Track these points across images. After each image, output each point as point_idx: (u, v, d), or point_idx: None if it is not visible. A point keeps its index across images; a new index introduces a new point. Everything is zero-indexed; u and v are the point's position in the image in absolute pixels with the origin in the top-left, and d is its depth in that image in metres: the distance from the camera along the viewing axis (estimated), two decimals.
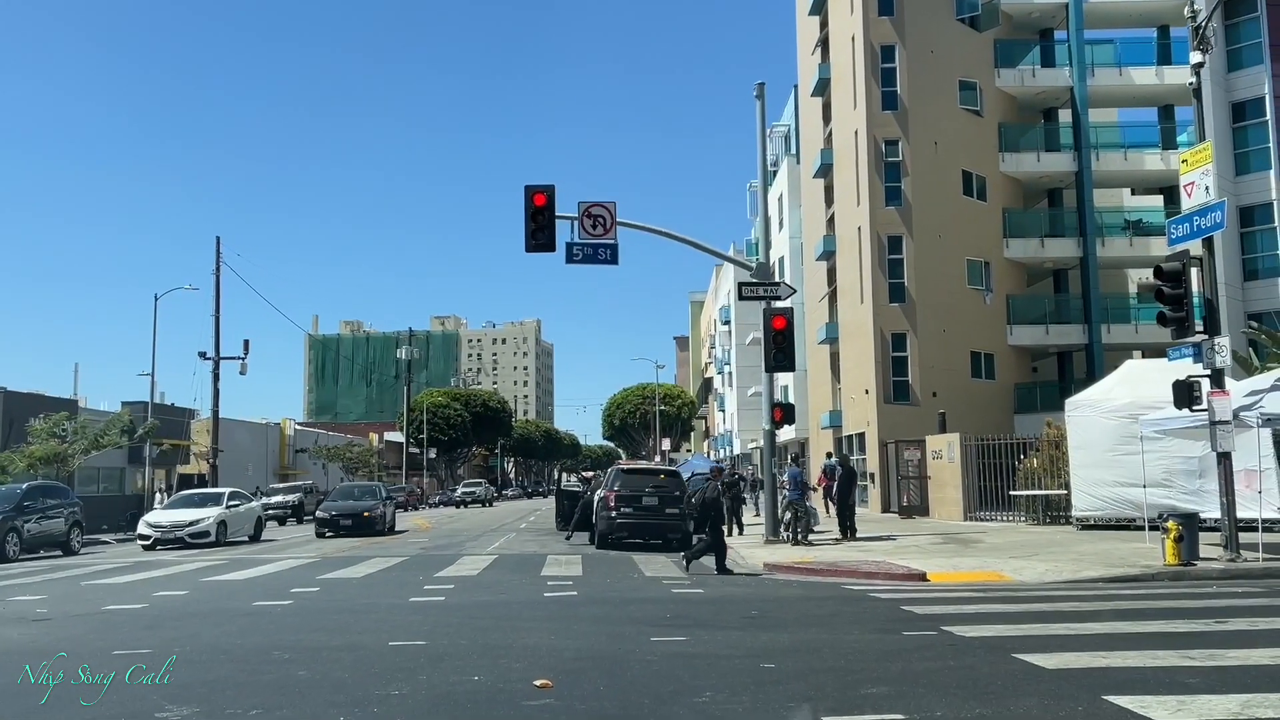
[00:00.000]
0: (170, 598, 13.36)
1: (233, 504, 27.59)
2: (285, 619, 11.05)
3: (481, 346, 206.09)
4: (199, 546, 24.73)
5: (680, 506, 21.65)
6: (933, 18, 38.39)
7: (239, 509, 27.79)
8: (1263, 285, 32.70)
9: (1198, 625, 9.40)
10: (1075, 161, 39.55)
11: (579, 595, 12.86)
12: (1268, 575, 14.01)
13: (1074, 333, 39.01)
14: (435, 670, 7.64)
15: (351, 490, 32.80)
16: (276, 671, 7.71)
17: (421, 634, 9.42)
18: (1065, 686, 6.79)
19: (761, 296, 21.07)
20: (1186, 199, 15.69)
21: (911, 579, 14.40)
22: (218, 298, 42.67)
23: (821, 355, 44.51)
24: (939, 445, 28.85)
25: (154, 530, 25.48)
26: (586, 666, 7.76)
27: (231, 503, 27.61)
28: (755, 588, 13.93)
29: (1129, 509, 20.28)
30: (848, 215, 39.69)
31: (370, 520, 28.44)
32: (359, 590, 14.04)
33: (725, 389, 78.25)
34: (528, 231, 19.54)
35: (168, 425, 49.04)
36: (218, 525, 25.87)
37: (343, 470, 67.77)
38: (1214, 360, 15.11)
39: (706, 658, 8.11)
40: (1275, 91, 32.42)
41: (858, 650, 8.36)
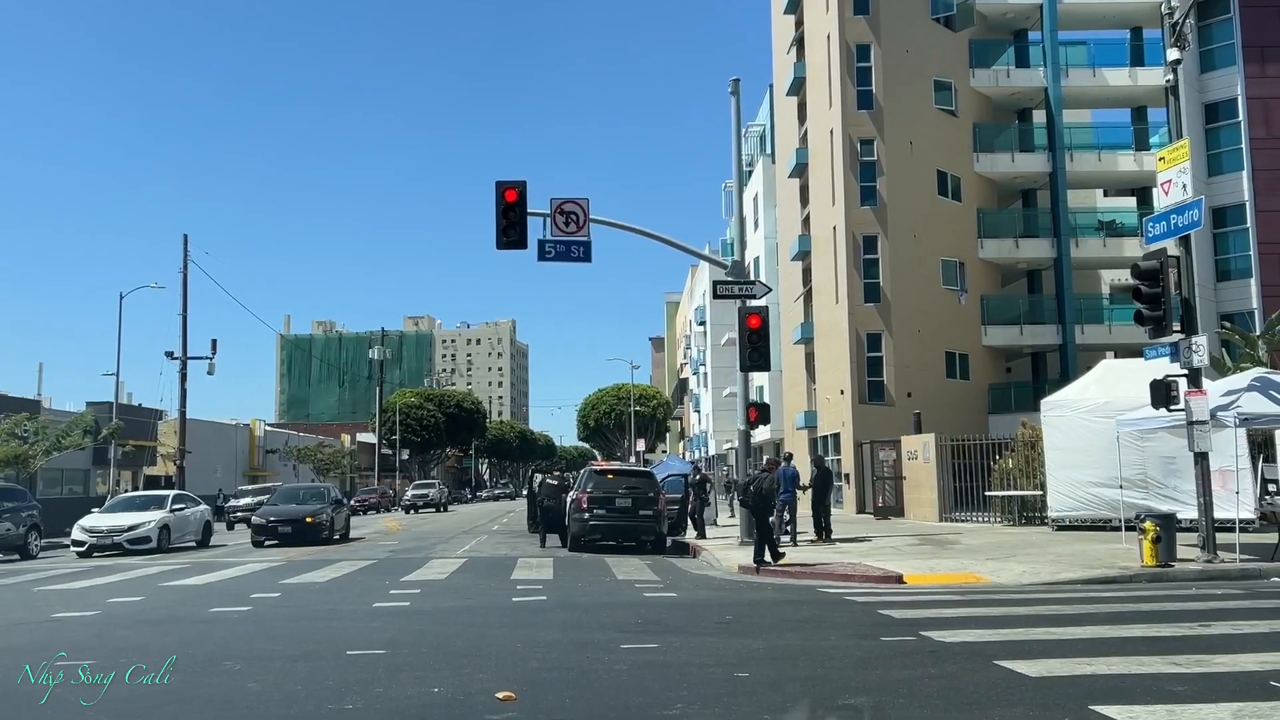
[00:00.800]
0: (124, 604, 12.88)
1: (177, 507, 25.76)
2: (241, 626, 10.63)
3: (456, 347, 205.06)
4: (139, 553, 22.98)
5: (654, 508, 21.35)
6: (908, 17, 38.36)
7: (184, 512, 26.02)
8: (1235, 286, 32.87)
9: (1181, 629, 9.19)
10: (1049, 162, 39.65)
11: (548, 600, 12.51)
12: (1245, 576, 13.90)
13: (1048, 333, 39.11)
14: (393, 681, 7.27)
15: (295, 492, 28.80)
16: (224, 684, 7.31)
17: (382, 642, 9.04)
18: (1050, 696, 6.53)
19: (737, 295, 20.81)
20: (1163, 197, 15.54)
21: (888, 581, 14.16)
22: (185, 297, 42.00)
23: (797, 356, 44.37)
24: (914, 446, 28.72)
25: (89, 535, 23.50)
26: (553, 677, 7.43)
27: (176, 506, 25.76)
28: (729, 591, 13.63)
29: (1105, 509, 20.18)
30: (823, 215, 39.58)
31: (314, 527, 25.18)
32: (321, 595, 13.61)
33: (700, 390, 78.12)
34: (499, 228, 19.20)
35: (134, 426, 48.25)
36: (160, 530, 24.06)
37: (314, 472, 66.99)
38: (1191, 360, 14.98)
39: (678, 666, 7.79)
40: (1248, 93, 32.60)
41: (835, 657, 8.07)
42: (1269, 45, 32.64)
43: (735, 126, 22.66)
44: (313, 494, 28.02)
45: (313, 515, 25.43)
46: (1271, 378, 15.94)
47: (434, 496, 57.50)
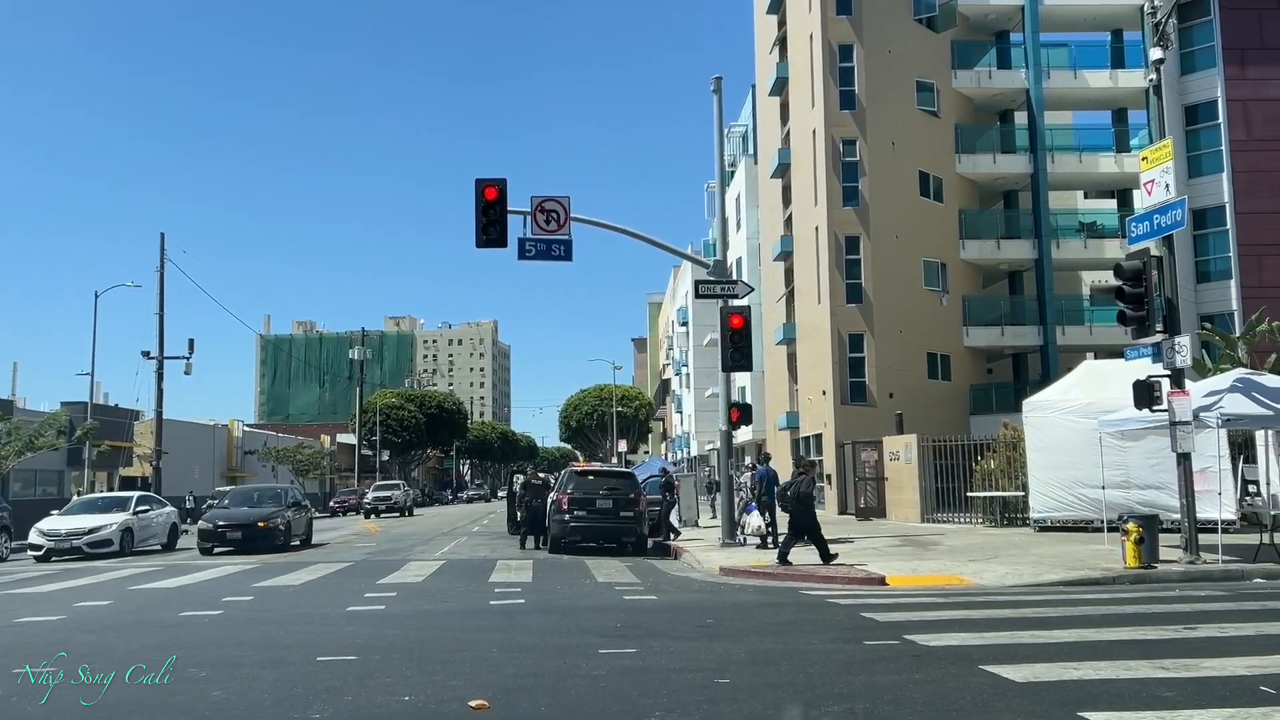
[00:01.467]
0: (91, 608, 12.57)
1: (141, 509, 24.56)
2: (210, 631, 10.37)
3: (437, 347, 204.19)
4: (100, 557, 22.03)
5: (635, 509, 21.17)
6: (890, 17, 38.34)
7: (149, 515, 24.86)
8: (1215, 287, 33.01)
9: (1167, 632, 9.07)
10: (1031, 163, 39.72)
11: (526, 603, 12.30)
12: (1228, 578, 13.84)
13: (1029, 334, 39.17)
14: (362, 689, 7.04)
15: (250, 494, 26.35)
16: (187, 691, 7.06)
17: (353, 648, 8.80)
18: (1038, 702, 6.37)
19: (719, 295, 20.66)
20: (1146, 197, 15.48)
21: (870, 583, 14.02)
22: (161, 296, 41.50)
23: (779, 356, 44.29)
24: (896, 446, 28.65)
25: (47, 539, 22.40)
26: (529, 684, 7.22)
27: (140, 508, 24.54)
28: (711, 593, 13.45)
29: (1087, 510, 20.15)
30: (805, 215, 39.49)
31: (267, 532, 22.86)
32: (295, 599, 13.34)
33: (683, 390, 77.96)
34: (478, 226, 18.97)
35: (110, 426, 47.60)
36: (122, 533, 22.99)
37: (293, 473, 66.35)
38: (1174, 360, 14.92)
39: (657, 672, 7.59)
40: (1228, 95, 32.74)
41: (818, 662, 7.90)
42: (1249, 48, 32.80)
43: (718, 124, 22.51)
44: (269, 496, 25.58)
45: (266, 519, 23.15)
46: (1254, 379, 15.91)
47: (398, 499, 50.99)
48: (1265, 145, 32.48)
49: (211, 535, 22.93)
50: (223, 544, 22.82)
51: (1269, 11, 33.06)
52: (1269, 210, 32.46)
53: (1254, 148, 32.50)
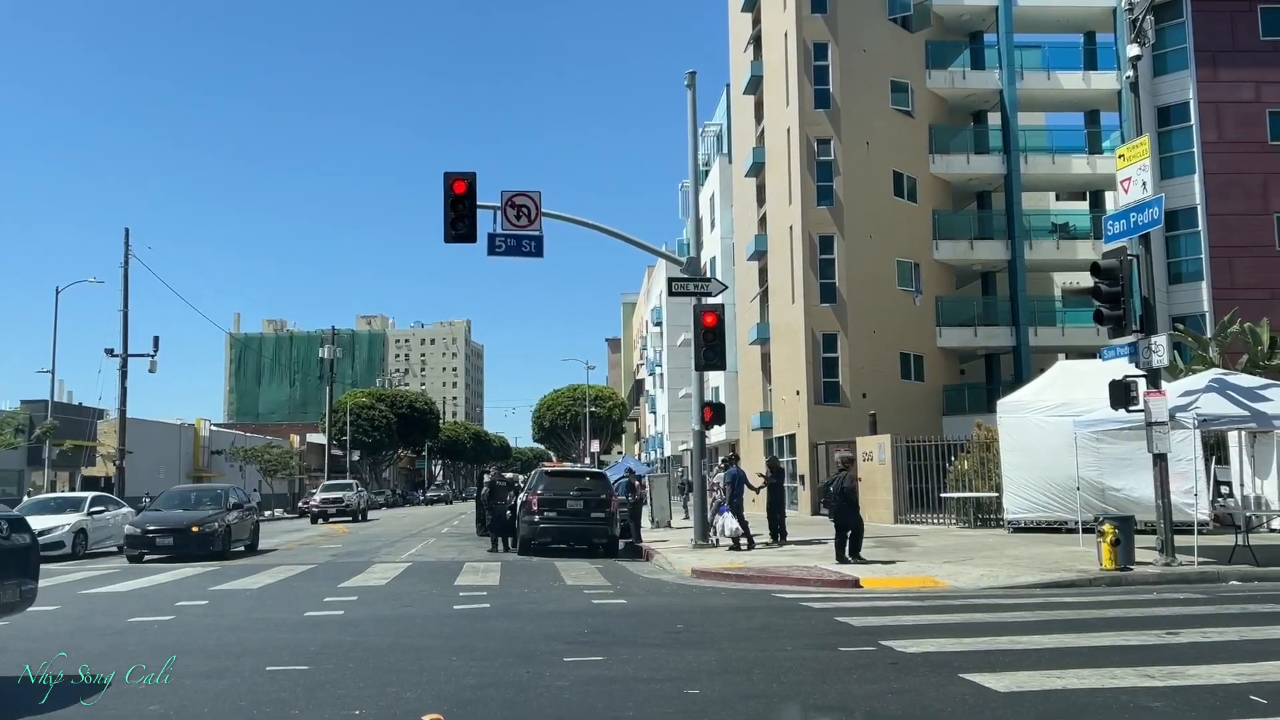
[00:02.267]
0: (34, 614, 11.99)
1: (96, 510, 23.64)
2: (159, 637, 9.91)
3: (409, 347, 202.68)
4: (51, 559, 20.33)
5: (606, 510, 20.83)
6: (865, 17, 38.22)
7: (104, 516, 23.88)
8: (1187, 289, 33.09)
9: (1149, 637, 8.83)
10: (1004, 164, 39.73)
11: (491, 608, 11.91)
12: (1204, 580, 13.69)
13: (1002, 335, 39.17)
14: (310, 702, 6.64)
15: (187, 495, 23.69)
16: (120, 706, 6.62)
17: (306, 657, 8.38)
18: (1023, 714, 6.08)
19: (692, 293, 20.35)
20: (1123, 195, 15.30)
21: (845, 585, 13.74)
22: (126, 292, 40.76)
23: (753, 356, 44.07)
24: (869, 447, 28.47)
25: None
26: (489, 695, 6.85)
27: (95, 509, 23.61)
28: (682, 597, 13.12)
29: (1061, 511, 19.99)
30: (779, 214, 39.30)
31: (202, 537, 20.63)
32: (251, 603, 12.87)
33: (657, 391, 77.69)
34: (447, 221, 18.49)
35: (72, 425, 46.65)
36: (75, 535, 22.01)
37: (261, 473, 65.40)
38: (1151, 360, 14.74)
39: (624, 682, 7.24)
40: (1200, 97, 32.83)
41: (792, 671, 7.57)
42: (1221, 49, 32.91)
43: (691, 120, 22.20)
44: (207, 497, 23.31)
45: (200, 523, 20.86)
46: (1229, 379, 15.80)
47: (350, 501, 45.56)
48: (1237, 147, 32.60)
49: (139, 541, 20.71)
50: (153, 550, 20.61)
51: (1241, 14, 33.19)
52: (1240, 212, 32.58)
53: (1226, 149, 32.61)
